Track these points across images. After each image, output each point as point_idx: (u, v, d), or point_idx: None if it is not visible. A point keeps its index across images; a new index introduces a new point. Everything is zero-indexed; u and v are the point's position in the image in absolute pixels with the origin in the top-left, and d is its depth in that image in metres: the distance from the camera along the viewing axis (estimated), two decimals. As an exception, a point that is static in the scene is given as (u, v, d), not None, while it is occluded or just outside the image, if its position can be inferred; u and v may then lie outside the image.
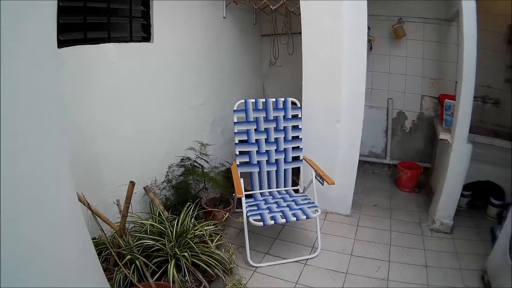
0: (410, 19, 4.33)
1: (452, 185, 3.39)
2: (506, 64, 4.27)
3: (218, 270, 2.29)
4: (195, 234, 2.38)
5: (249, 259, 2.80)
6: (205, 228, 2.46)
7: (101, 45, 2.29)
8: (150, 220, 2.44)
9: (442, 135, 3.60)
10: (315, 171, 3.05)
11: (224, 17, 3.70)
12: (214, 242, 2.42)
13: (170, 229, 2.30)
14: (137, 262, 2.10)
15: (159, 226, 2.32)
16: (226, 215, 2.86)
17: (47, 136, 1.25)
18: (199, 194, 3.25)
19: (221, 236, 2.60)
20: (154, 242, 2.18)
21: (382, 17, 4.36)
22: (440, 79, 4.47)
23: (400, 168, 4.47)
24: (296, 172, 3.40)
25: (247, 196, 3.08)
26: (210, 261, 2.26)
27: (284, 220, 2.71)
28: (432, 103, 4.57)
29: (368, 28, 3.90)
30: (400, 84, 4.59)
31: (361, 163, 4.78)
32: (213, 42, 3.56)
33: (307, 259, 2.94)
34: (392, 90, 4.64)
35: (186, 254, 2.17)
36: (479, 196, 4.08)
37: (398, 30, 4.23)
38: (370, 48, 4.26)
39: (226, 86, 3.86)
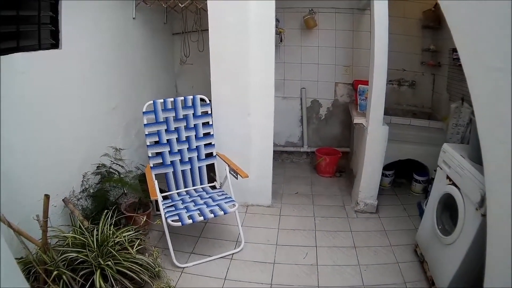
0: (321, 9, 4.71)
1: (371, 166, 3.78)
2: (421, 47, 4.84)
3: (144, 275, 2.44)
4: (115, 241, 2.51)
5: (174, 261, 2.94)
6: (124, 234, 2.59)
7: (9, 55, 2.32)
8: (71, 232, 2.53)
9: (357, 120, 3.97)
10: (229, 165, 3.30)
11: (133, 18, 3.80)
12: (134, 247, 2.54)
13: (91, 239, 2.42)
14: (64, 277, 2.20)
15: (80, 237, 2.44)
16: (144, 219, 3.00)
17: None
18: (119, 200, 3.36)
19: (141, 240, 2.72)
20: (77, 254, 2.30)
21: (293, 9, 4.69)
22: (354, 66, 4.92)
23: (318, 155, 4.89)
24: (213, 168, 3.60)
25: (165, 197, 3.28)
26: (134, 267, 2.40)
27: (202, 218, 2.89)
28: (346, 89, 5.03)
29: (278, 20, 4.21)
30: (313, 73, 4.99)
31: (279, 153, 5.25)
32: (123, 44, 3.65)
33: (233, 253, 3.14)
34: (305, 80, 5.04)
35: (109, 263, 2.32)
36: (403, 174, 4.57)
37: (309, 21, 4.60)
38: (280, 40, 4.58)
39: (138, 88, 3.96)
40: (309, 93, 5.13)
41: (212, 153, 3.54)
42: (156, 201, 3.04)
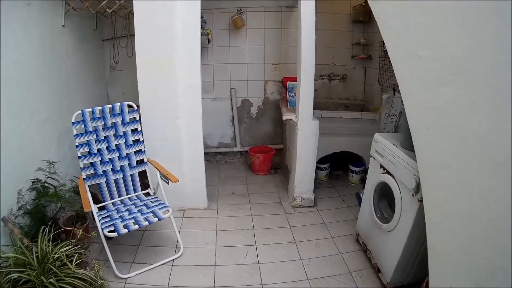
0: (250, 9, 4.97)
1: (305, 161, 4.04)
2: (352, 41, 5.25)
3: (87, 290, 2.52)
4: (55, 257, 2.55)
5: (116, 272, 2.99)
6: (62, 249, 2.62)
7: None
8: (13, 252, 2.56)
9: (287, 116, 4.21)
10: (159, 171, 3.45)
11: (63, 26, 3.84)
12: (73, 262, 2.58)
13: (31, 258, 2.47)
14: (9, 299, 2.25)
15: (21, 256, 2.48)
16: (80, 232, 2.97)
17: None
18: (57, 215, 3.38)
19: (80, 254, 2.74)
20: (19, 275, 2.36)
21: (221, 9, 4.90)
22: (283, 63, 5.25)
23: (251, 154, 5.16)
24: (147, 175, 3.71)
25: (101, 208, 3.35)
26: (76, 283, 2.46)
27: (137, 226, 2.98)
28: (276, 87, 5.35)
29: (205, 22, 4.42)
30: (242, 73, 5.25)
31: (213, 155, 5.49)
32: (53, 53, 3.64)
33: (173, 259, 3.26)
34: (234, 80, 5.29)
35: (52, 280, 2.38)
36: (339, 166, 4.93)
37: (237, 20, 4.84)
38: (208, 41, 4.80)
39: (69, 98, 3.95)
40: (239, 92, 5.38)
41: (143, 159, 3.64)
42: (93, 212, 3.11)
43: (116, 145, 3.48)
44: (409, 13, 1.79)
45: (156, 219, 3.10)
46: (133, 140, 3.57)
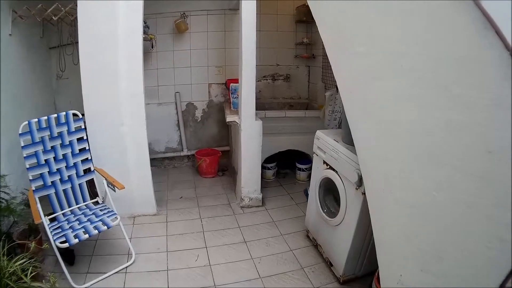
0: (193, 12, 5.12)
1: (250, 161, 4.21)
2: (295, 41, 5.49)
3: (44, 303, 2.57)
4: (10, 272, 2.59)
5: (72, 283, 3.01)
6: (16, 263, 2.65)
7: None
8: None
9: (229, 118, 4.39)
10: (106, 179, 3.52)
11: (10, 35, 3.86)
12: (28, 275, 2.61)
13: None
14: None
15: None
16: (33, 245, 3.00)
17: None
18: (12, 229, 3.39)
19: (36, 267, 2.76)
20: None
21: (165, 14, 5.02)
22: (226, 66, 5.45)
23: (198, 157, 5.31)
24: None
25: (52, 220, 3.37)
26: None
27: (87, 236, 3.04)
28: (220, 89, 5.54)
29: (148, 27, 4.54)
30: (186, 76, 5.41)
31: (160, 160, 5.60)
32: (0, 63, 3.63)
33: (126, 267, 3.33)
34: (179, 84, 5.43)
35: None
36: (286, 164, 5.14)
37: (180, 24, 4.98)
38: (151, 46, 4.91)
39: (17, 109, 4.02)
40: (184, 96, 5.52)
41: (90, 168, 3.68)
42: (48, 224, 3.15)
43: (63, 154, 3.51)
44: (346, 11, 1.92)
45: (105, 227, 3.17)
46: (79, 149, 3.61)
